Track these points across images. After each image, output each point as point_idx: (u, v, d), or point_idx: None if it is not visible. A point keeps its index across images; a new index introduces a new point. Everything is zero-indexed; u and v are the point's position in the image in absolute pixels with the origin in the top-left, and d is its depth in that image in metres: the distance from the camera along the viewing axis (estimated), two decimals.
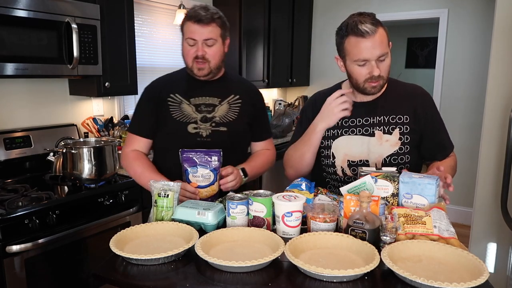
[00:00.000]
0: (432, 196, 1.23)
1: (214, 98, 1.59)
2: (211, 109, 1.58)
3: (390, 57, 1.37)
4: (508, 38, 2.35)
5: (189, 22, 1.50)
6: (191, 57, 1.52)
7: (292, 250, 1.02)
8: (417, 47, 6.19)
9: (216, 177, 1.46)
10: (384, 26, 1.35)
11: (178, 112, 1.57)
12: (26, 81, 2.31)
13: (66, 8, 2.05)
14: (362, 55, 1.33)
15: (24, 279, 1.76)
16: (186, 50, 1.53)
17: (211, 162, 1.45)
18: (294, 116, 3.81)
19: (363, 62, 1.34)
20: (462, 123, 3.86)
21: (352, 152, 1.47)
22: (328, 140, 1.51)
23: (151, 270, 1.02)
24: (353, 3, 4.22)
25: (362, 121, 1.47)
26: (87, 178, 2.06)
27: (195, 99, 1.58)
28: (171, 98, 1.59)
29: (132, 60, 2.53)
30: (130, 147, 1.64)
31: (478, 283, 0.87)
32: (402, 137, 1.44)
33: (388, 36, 1.36)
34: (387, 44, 1.35)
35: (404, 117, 1.45)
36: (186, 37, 1.51)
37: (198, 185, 1.45)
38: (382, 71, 1.35)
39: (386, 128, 1.45)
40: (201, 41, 1.49)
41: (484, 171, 2.52)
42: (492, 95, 2.44)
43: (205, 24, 1.48)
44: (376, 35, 1.31)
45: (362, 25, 1.30)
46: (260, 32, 3.71)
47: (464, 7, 3.72)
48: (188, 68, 1.57)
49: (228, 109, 1.60)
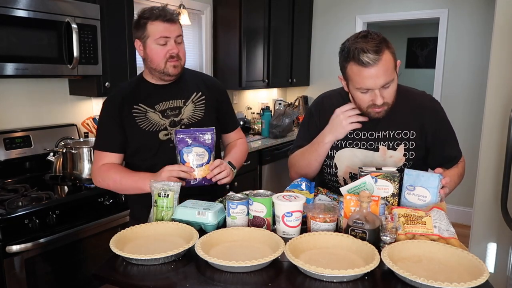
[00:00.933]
0: (434, 188, 1.23)
1: (178, 100, 1.55)
2: (177, 112, 1.54)
3: (396, 81, 1.30)
4: (508, 38, 2.35)
5: (157, 21, 1.44)
6: (163, 57, 1.46)
7: (292, 250, 1.02)
8: (417, 47, 6.18)
9: (211, 155, 1.43)
10: (390, 47, 1.26)
11: (145, 122, 1.51)
12: (26, 81, 2.31)
13: (66, 8, 2.05)
14: (364, 84, 1.26)
15: (24, 279, 1.76)
16: (156, 51, 1.46)
17: (205, 140, 1.42)
18: (294, 116, 3.81)
19: (366, 90, 1.28)
20: (462, 123, 3.86)
21: (354, 165, 1.44)
22: (332, 150, 1.47)
23: (151, 270, 1.02)
24: (353, 3, 4.22)
25: (367, 135, 1.43)
26: (87, 178, 2.07)
27: (159, 105, 1.53)
28: (135, 110, 1.51)
29: (132, 60, 2.53)
30: (100, 163, 1.52)
31: (478, 283, 0.87)
32: (407, 153, 1.41)
33: (395, 57, 1.28)
34: (393, 69, 1.27)
35: (411, 133, 1.40)
36: (157, 37, 1.45)
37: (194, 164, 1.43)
38: (386, 98, 1.29)
39: (391, 143, 1.41)
40: (174, 38, 1.47)
41: (484, 171, 2.52)
42: (492, 95, 2.44)
43: (174, 22, 1.47)
44: (380, 63, 1.22)
45: (364, 55, 1.21)
46: (260, 32, 3.71)
47: (464, 7, 3.72)
48: (158, 71, 1.49)
49: (194, 108, 1.57)
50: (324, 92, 1.60)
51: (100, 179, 1.51)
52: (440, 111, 1.45)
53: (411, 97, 1.45)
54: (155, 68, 1.50)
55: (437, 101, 1.47)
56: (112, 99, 1.56)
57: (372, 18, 4.16)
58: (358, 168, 1.34)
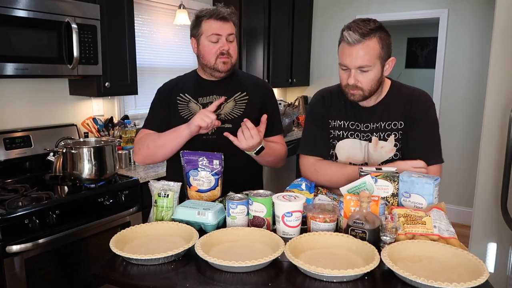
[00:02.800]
0: (430, 196, 1.23)
1: (221, 96, 1.60)
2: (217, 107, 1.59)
3: (378, 71, 1.35)
4: (508, 38, 2.35)
5: (210, 19, 1.53)
6: (214, 53, 1.54)
7: (292, 250, 1.02)
8: (417, 47, 6.19)
9: (218, 181, 1.44)
10: (382, 38, 1.32)
11: (186, 111, 1.60)
12: (26, 81, 2.31)
13: (66, 8, 2.05)
14: (343, 60, 1.35)
15: (24, 279, 1.76)
16: (208, 48, 1.54)
17: (213, 166, 1.42)
18: (294, 116, 3.81)
19: (345, 67, 1.36)
20: (462, 123, 3.86)
21: (354, 155, 1.50)
22: (334, 140, 1.52)
23: (151, 270, 1.02)
24: (353, 3, 4.22)
25: (363, 126, 1.48)
26: (87, 178, 2.07)
27: (202, 98, 1.61)
28: (180, 98, 1.62)
29: (132, 60, 2.53)
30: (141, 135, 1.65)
31: (478, 283, 0.87)
32: (398, 143, 1.45)
33: (386, 49, 1.34)
34: (375, 57, 1.32)
35: (399, 123, 1.45)
36: (209, 34, 1.53)
37: (199, 189, 1.43)
38: (361, 82, 1.35)
39: (382, 134, 1.46)
40: (225, 36, 1.53)
41: (484, 171, 2.52)
42: (492, 95, 2.44)
43: (227, 20, 1.54)
44: (361, 45, 1.30)
45: (349, 33, 1.30)
46: (260, 32, 3.71)
47: (464, 7, 3.72)
48: (209, 67, 1.57)
49: (234, 106, 1.61)
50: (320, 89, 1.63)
51: (140, 146, 1.59)
52: (428, 106, 1.44)
53: (404, 91, 1.48)
54: (206, 64, 1.57)
55: (429, 99, 1.46)
56: (165, 85, 1.71)
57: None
58: (358, 168, 1.34)
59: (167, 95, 1.65)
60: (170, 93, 1.64)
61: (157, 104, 1.68)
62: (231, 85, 1.64)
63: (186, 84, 1.66)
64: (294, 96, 4.68)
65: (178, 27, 3.30)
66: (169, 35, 3.26)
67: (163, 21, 3.20)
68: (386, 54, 1.35)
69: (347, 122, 1.50)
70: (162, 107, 1.65)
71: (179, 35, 3.34)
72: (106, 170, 2.11)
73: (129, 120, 2.77)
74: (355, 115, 1.49)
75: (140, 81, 2.66)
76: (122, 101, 2.89)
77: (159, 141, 1.55)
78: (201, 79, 1.65)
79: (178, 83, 1.68)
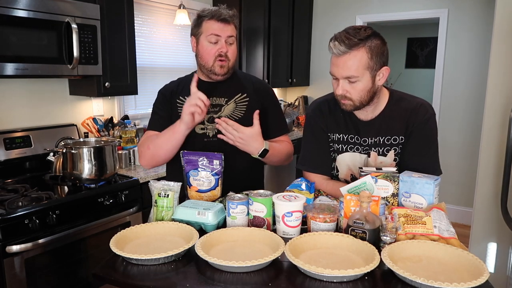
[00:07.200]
0: (430, 196, 1.23)
1: (221, 98, 1.60)
2: (217, 109, 1.59)
3: (367, 81, 1.30)
4: (508, 38, 2.35)
5: (211, 20, 1.51)
6: (213, 55, 1.52)
7: (292, 250, 1.02)
8: (417, 47, 6.18)
9: (218, 182, 1.44)
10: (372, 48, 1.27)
11: None
12: (26, 81, 2.31)
13: (66, 8, 2.05)
14: (331, 69, 1.34)
15: (24, 279, 1.76)
16: (207, 48, 1.52)
17: (213, 166, 1.42)
18: (294, 116, 3.81)
19: (334, 77, 1.35)
20: (462, 123, 3.86)
21: (354, 168, 1.47)
22: (334, 153, 1.50)
23: (151, 270, 1.02)
24: (353, 3, 4.22)
25: (361, 140, 1.45)
26: (87, 178, 2.07)
27: None
28: (180, 100, 1.61)
29: (132, 60, 2.53)
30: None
31: (478, 283, 0.87)
32: (397, 157, 1.42)
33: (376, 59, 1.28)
34: (363, 68, 1.28)
35: (400, 138, 1.40)
36: (208, 34, 1.51)
37: (199, 189, 1.43)
38: (350, 92, 1.32)
39: (381, 149, 1.42)
40: (225, 38, 1.52)
41: (484, 171, 2.52)
42: (492, 95, 2.44)
43: (228, 22, 1.52)
44: (348, 56, 1.27)
45: (336, 44, 1.29)
46: (260, 32, 3.71)
47: (464, 8, 3.72)
48: (206, 68, 1.56)
49: (235, 107, 1.60)
50: (314, 100, 1.61)
51: (142, 148, 1.59)
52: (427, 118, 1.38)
53: (403, 103, 1.42)
54: (204, 65, 1.56)
55: (432, 114, 1.40)
56: (165, 87, 1.70)
57: (372, 18, 4.16)
58: (358, 168, 1.34)
59: (169, 97, 1.64)
60: (171, 96, 1.64)
61: (159, 105, 1.67)
62: (231, 87, 1.63)
63: (185, 86, 1.64)
64: (294, 96, 4.68)
65: (178, 27, 3.30)
66: (169, 35, 3.26)
67: (163, 21, 3.20)
68: (378, 63, 1.30)
69: (346, 135, 1.47)
70: (165, 108, 1.64)
71: (179, 35, 3.34)
72: (106, 170, 2.11)
73: (129, 120, 2.77)
74: (354, 129, 1.45)
75: (140, 81, 2.66)
76: (122, 101, 2.89)
77: (158, 141, 1.54)
78: (200, 81, 1.62)
79: (178, 86, 1.67)
